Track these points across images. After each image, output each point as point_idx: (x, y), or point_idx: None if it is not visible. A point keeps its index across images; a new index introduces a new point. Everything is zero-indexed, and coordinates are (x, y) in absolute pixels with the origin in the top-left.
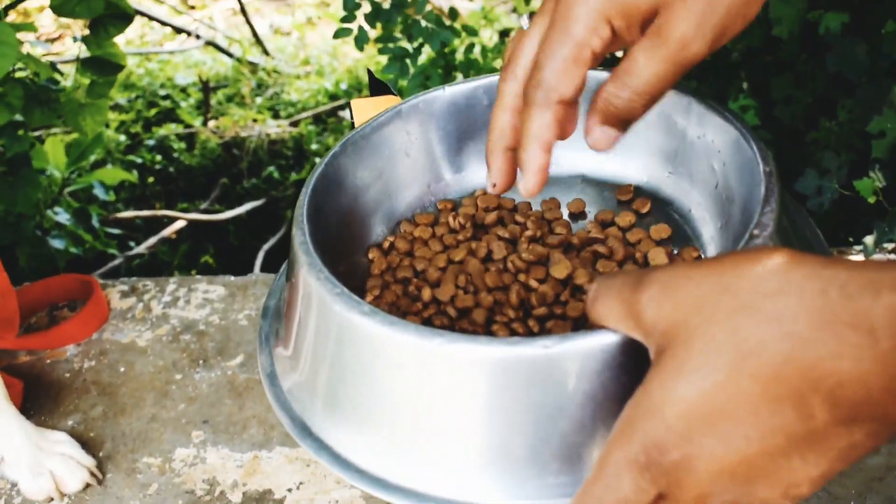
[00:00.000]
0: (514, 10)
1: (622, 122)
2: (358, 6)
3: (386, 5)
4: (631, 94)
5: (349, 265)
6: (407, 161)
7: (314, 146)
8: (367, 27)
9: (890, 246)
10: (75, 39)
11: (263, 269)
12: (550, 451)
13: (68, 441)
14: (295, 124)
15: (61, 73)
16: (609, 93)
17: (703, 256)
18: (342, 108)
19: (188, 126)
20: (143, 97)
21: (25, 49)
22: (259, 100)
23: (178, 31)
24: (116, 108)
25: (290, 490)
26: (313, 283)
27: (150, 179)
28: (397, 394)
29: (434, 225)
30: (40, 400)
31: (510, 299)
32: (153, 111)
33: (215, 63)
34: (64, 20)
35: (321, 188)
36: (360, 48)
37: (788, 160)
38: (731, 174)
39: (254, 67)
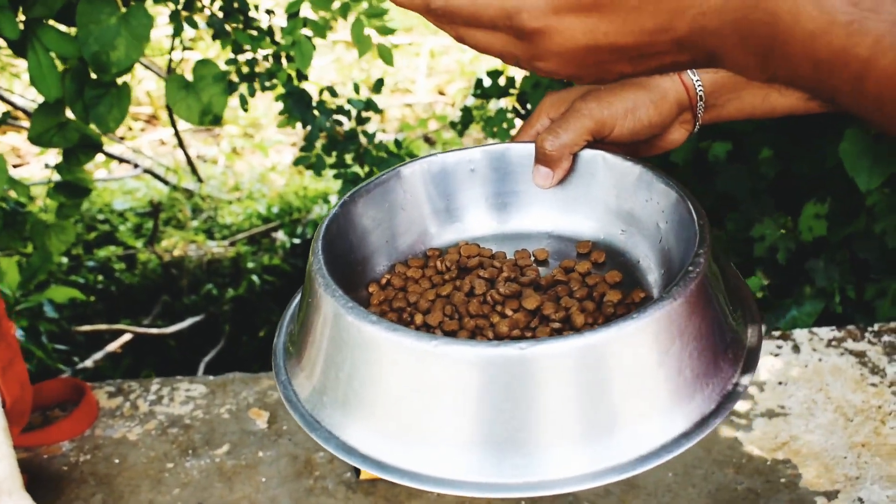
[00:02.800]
0: (427, 141)
1: (552, 163)
2: (316, 139)
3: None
4: (556, 146)
5: (351, 297)
6: (403, 214)
7: (250, 264)
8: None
9: (777, 333)
10: (47, 166)
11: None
12: (525, 436)
13: None
14: (232, 244)
15: (31, 198)
16: (543, 138)
17: (651, 298)
18: (275, 229)
19: (128, 248)
20: (82, 221)
21: None
22: (195, 223)
23: (112, 157)
24: None
25: None
26: (329, 300)
27: (92, 298)
28: (398, 389)
29: (424, 268)
30: (42, 491)
31: (497, 329)
32: (93, 234)
33: (150, 190)
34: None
35: (332, 228)
36: (318, 173)
37: None
38: (672, 231)
39: (188, 193)
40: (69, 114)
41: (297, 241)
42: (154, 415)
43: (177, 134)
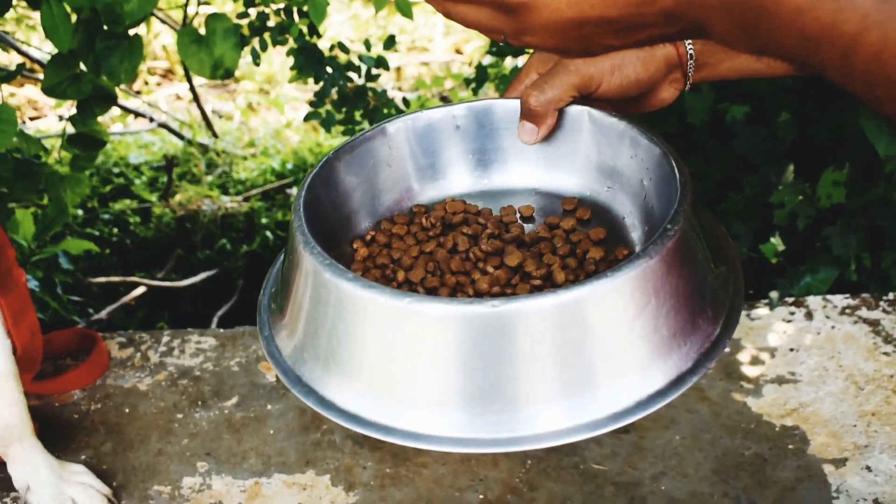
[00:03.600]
0: (443, 100)
1: (537, 118)
2: (328, 95)
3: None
4: (541, 101)
5: (336, 253)
6: (388, 170)
7: (264, 220)
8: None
9: (790, 300)
10: (61, 119)
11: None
12: (497, 392)
13: (86, 472)
14: (246, 200)
15: (46, 150)
16: (529, 93)
17: (632, 253)
18: (289, 185)
19: (143, 201)
20: (97, 174)
21: None
22: (209, 178)
23: (128, 111)
24: None
25: None
26: (308, 257)
27: (107, 251)
28: (374, 345)
29: (409, 224)
30: (53, 439)
31: (477, 286)
32: (108, 187)
33: (165, 144)
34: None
35: (315, 185)
36: (328, 130)
37: None
38: (655, 188)
39: (203, 148)
40: (83, 66)
41: None
42: (164, 366)
43: (192, 89)
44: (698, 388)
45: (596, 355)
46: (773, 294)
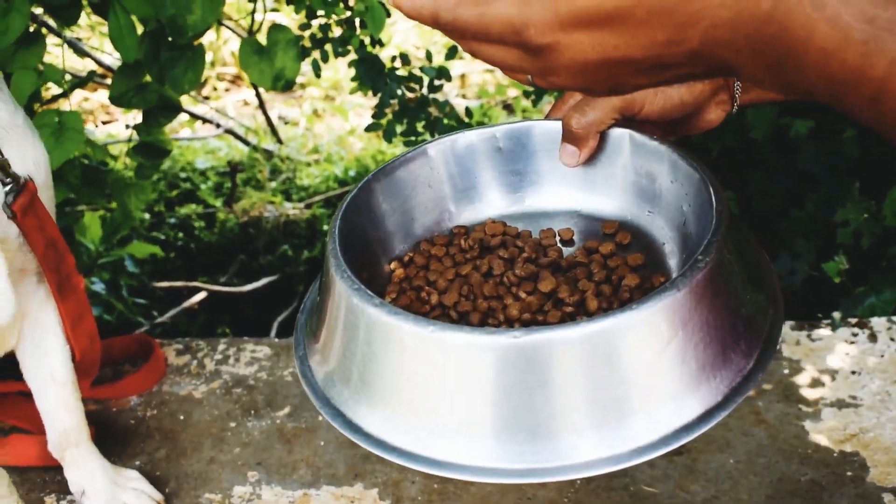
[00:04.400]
0: (506, 108)
1: (578, 141)
2: (387, 106)
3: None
4: (582, 123)
5: (372, 273)
6: (429, 191)
7: (325, 227)
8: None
9: (853, 320)
10: (128, 126)
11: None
12: (521, 421)
13: (139, 478)
14: (308, 206)
15: (113, 157)
16: (570, 116)
17: (669, 281)
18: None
19: (208, 206)
20: (164, 178)
21: None
22: (273, 184)
23: (195, 117)
24: None
25: None
26: (339, 282)
27: (172, 255)
28: (400, 371)
29: (448, 245)
30: (109, 443)
31: (508, 312)
32: (175, 192)
33: (231, 150)
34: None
35: (353, 208)
36: (389, 140)
37: (763, 245)
38: (693, 214)
39: (268, 154)
40: (148, 76)
41: None
42: (220, 374)
43: (258, 95)
44: (755, 411)
45: (622, 386)
46: (836, 314)
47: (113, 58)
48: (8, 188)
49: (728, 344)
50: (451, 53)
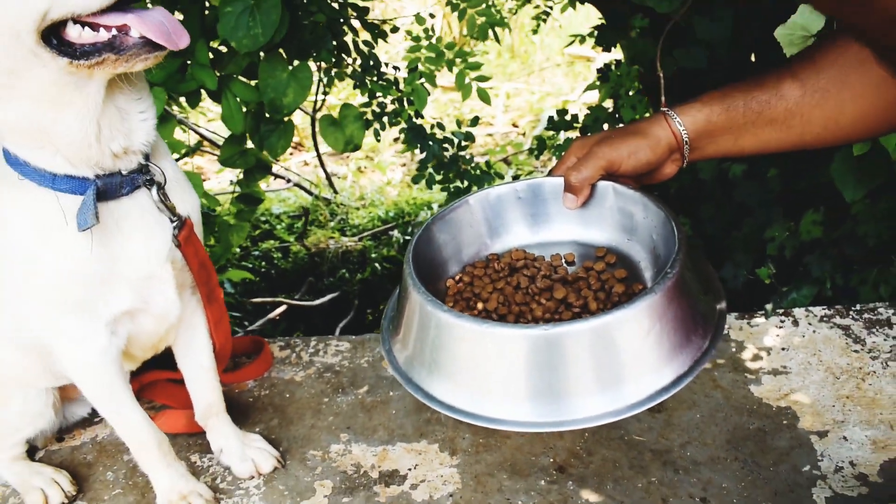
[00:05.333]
0: (505, 162)
1: (576, 191)
2: (431, 161)
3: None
4: (579, 179)
5: (434, 288)
6: (471, 230)
7: (374, 255)
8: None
9: (781, 311)
10: (231, 182)
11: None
12: (545, 388)
13: (261, 440)
14: (360, 240)
15: (219, 203)
16: (569, 173)
17: (645, 288)
18: (392, 229)
19: (283, 241)
20: (250, 221)
21: None
22: (332, 223)
23: (271, 175)
24: None
25: (409, 469)
26: (416, 295)
27: (258, 279)
28: (463, 356)
29: (486, 267)
30: (235, 416)
31: (534, 313)
32: (258, 231)
33: (297, 199)
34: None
35: (420, 243)
36: (430, 187)
37: (713, 257)
38: (661, 240)
39: (326, 201)
40: (249, 143)
41: (408, 237)
42: (313, 363)
43: (319, 157)
44: (712, 379)
45: (619, 362)
46: (768, 306)
47: (207, 130)
48: (174, 224)
49: (690, 330)
50: (474, 122)
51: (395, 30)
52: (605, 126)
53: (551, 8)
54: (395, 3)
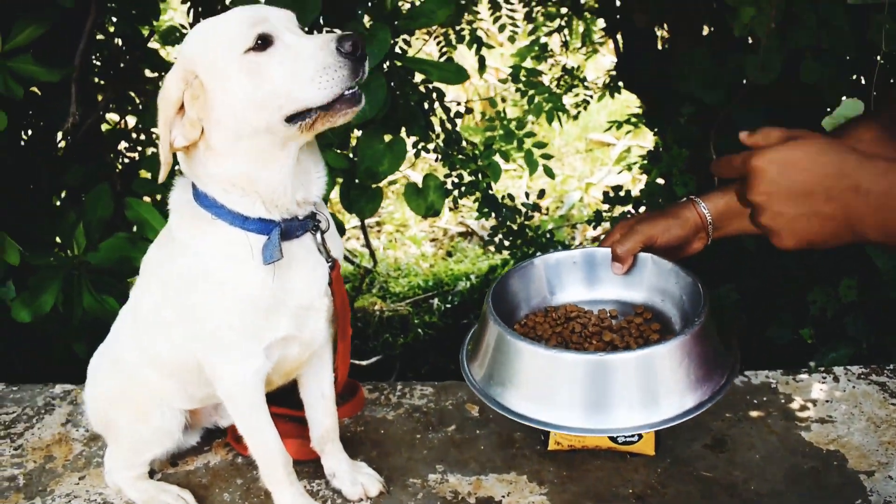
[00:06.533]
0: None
1: (622, 261)
2: (504, 227)
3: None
4: (623, 250)
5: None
6: (534, 285)
7: (416, 321)
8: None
9: (822, 368)
10: None
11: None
12: (598, 402)
13: (367, 466)
14: (401, 306)
15: None
16: (615, 246)
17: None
18: (432, 297)
19: None
20: None
21: None
22: (374, 290)
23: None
24: None
25: (503, 496)
26: (495, 326)
27: None
28: (534, 376)
29: (546, 316)
30: None
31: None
32: None
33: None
34: None
35: (496, 292)
36: (500, 251)
37: (760, 319)
38: (688, 302)
39: (368, 270)
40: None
41: (448, 305)
42: (402, 404)
43: (363, 228)
44: (767, 425)
45: (655, 387)
46: (812, 364)
47: None
48: (329, 264)
49: (711, 368)
50: (541, 195)
51: (469, 111)
52: (660, 200)
53: (591, 97)
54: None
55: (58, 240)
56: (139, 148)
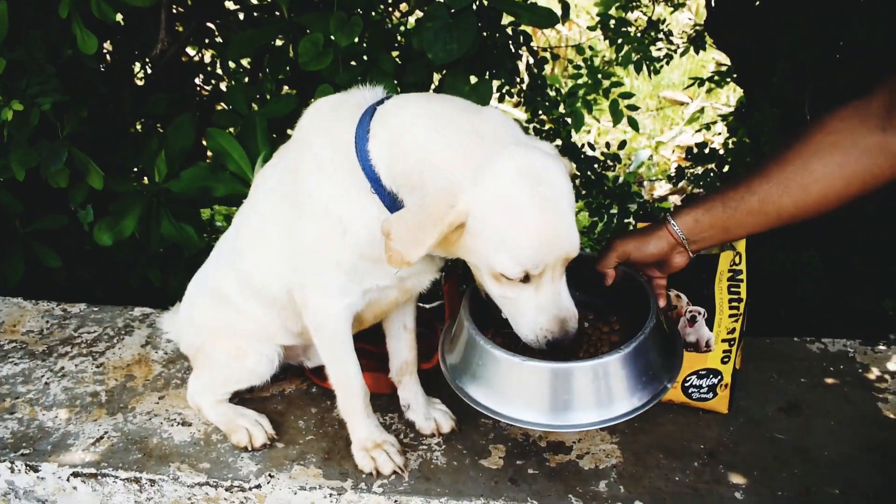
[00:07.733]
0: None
1: (603, 274)
2: (579, 177)
3: None
4: (601, 264)
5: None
6: None
7: None
8: None
9: None
10: None
11: None
12: (559, 403)
13: (441, 404)
14: None
15: None
16: (597, 261)
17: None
18: None
19: None
20: None
21: None
22: None
23: None
24: None
25: (574, 443)
26: (469, 328)
27: None
28: (500, 376)
29: None
30: None
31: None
32: None
33: None
34: None
35: (476, 290)
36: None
37: (843, 288)
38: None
39: None
40: None
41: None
42: None
43: None
44: (844, 395)
45: (610, 387)
46: (892, 336)
47: None
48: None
49: (657, 372)
50: (621, 146)
51: (556, 57)
52: (748, 159)
53: (675, 51)
54: (550, 33)
55: (137, 168)
56: (213, 81)
